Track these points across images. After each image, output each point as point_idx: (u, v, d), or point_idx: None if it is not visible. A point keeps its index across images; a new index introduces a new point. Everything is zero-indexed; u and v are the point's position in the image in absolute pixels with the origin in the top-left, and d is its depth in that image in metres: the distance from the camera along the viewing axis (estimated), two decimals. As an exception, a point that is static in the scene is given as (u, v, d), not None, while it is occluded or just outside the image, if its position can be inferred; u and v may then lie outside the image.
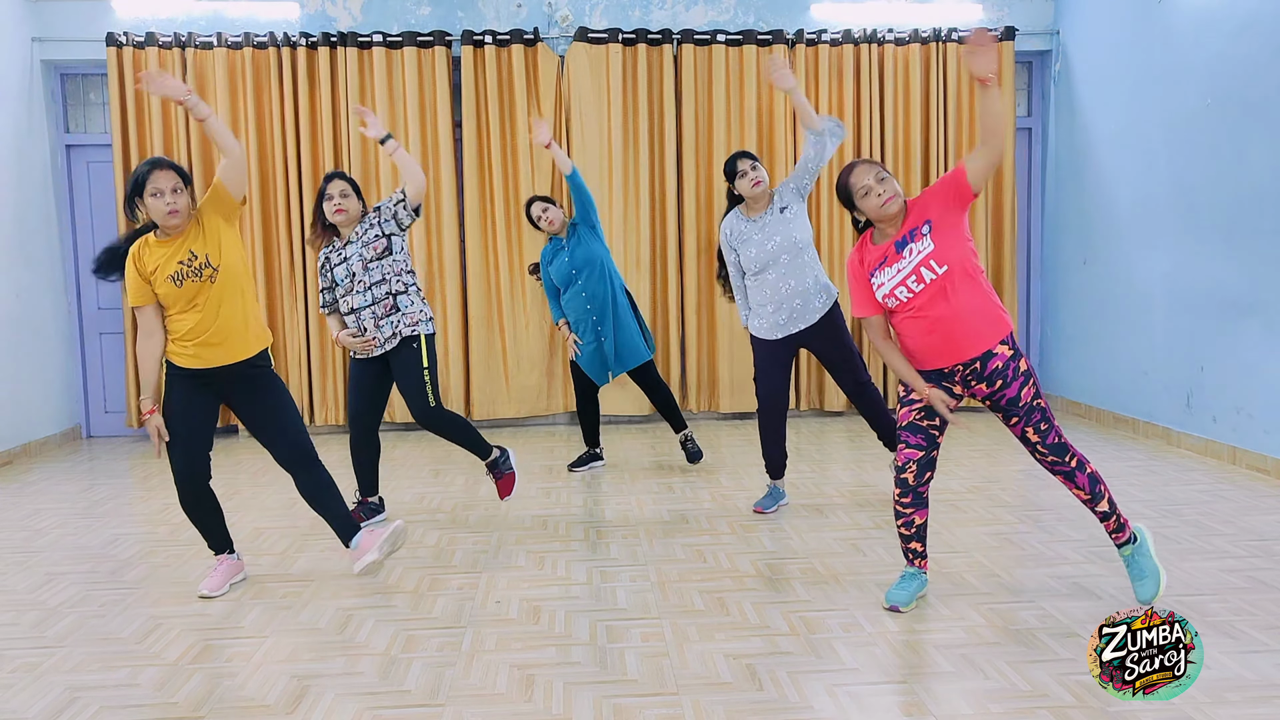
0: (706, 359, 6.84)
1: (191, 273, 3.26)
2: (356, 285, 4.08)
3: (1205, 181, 5.32)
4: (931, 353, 3.05)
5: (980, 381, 3.06)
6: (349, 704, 2.61)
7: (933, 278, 2.96)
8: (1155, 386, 5.81)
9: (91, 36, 6.45)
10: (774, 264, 4.19)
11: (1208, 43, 5.28)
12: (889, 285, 3.03)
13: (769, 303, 4.22)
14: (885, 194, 3.02)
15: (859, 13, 6.75)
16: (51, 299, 6.55)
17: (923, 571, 3.25)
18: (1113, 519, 3.15)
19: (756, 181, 4.21)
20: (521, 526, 4.30)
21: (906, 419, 3.15)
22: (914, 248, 2.99)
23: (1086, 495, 3.12)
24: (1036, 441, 3.09)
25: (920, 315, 3.01)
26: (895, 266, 3.02)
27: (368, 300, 4.07)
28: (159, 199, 3.21)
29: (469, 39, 6.52)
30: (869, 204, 3.05)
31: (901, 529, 3.23)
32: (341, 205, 4.05)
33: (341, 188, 4.06)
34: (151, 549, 4.08)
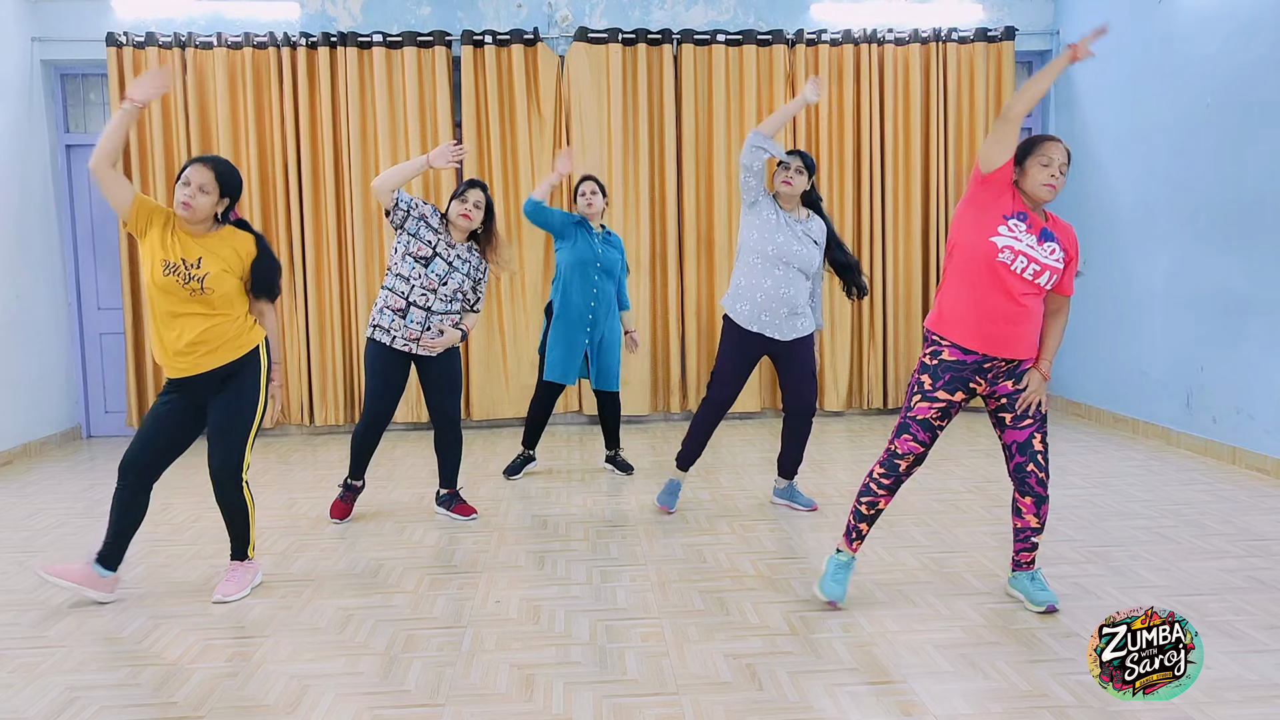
0: (706, 359, 6.84)
1: (183, 275, 3.24)
2: (442, 292, 4.14)
3: (1205, 181, 5.33)
4: (986, 333, 3.03)
5: (1009, 379, 3.10)
6: (349, 704, 2.61)
7: (1043, 282, 3.01)
8: (1155, 386, 5.81)
9: (91, 36, 6.45)
10: (787, 265, 4.15)
11: (1208, 43, 5.28)
12: (1018, 244, 2.98)
13: (760, 293, 4.16)
14: (1057, 180, 3.01)
15: (859, 13, 6.75)
16: (51, 299, 6.55)
17: (853, 555, 3.27)
18: (1036, 550, 3.23)
19: (787, 181, 4.16)
20: (521, 526, 4.30)
21: (923, 414, 3.12)
22: (1054, 249, 3.03)
23: (1038, 524, 3.18)
24: (1040, 451, 3.12)
25: (1010, 297, 3.00)
26: (1031, 242, 3.00)
27: (445, 310, 4.18)
28: (182, 188, 3.24)
29: (469, 39, 6.52)
30: (1038, 175, 3.01)
31: (863, 508, 3.22)
32: (473, 215, 4.17)
33: (478, 198, 4.19)
34: (151, 549, 4.08)
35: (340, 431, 6.76)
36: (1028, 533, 3.18)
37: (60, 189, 6.70)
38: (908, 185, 6.81)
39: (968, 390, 3.11)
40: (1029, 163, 3.03)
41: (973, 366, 3.07)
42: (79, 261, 6.77)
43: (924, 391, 3.12)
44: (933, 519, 4.24)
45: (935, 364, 3.10)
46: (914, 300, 6.88)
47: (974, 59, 6.73)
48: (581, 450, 5.98)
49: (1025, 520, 3.17)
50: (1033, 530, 3.18)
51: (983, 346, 3.04)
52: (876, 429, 6.47)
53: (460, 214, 4.14)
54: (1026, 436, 3.10)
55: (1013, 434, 3.12)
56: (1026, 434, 3.10)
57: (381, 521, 4.42)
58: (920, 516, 4.28)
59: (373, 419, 4.27)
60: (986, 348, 3.04)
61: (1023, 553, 3.21)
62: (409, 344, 4.16)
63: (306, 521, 4.42)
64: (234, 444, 3.40)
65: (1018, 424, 3.11)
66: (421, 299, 4.13)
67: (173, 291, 3.25)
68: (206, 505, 4.68)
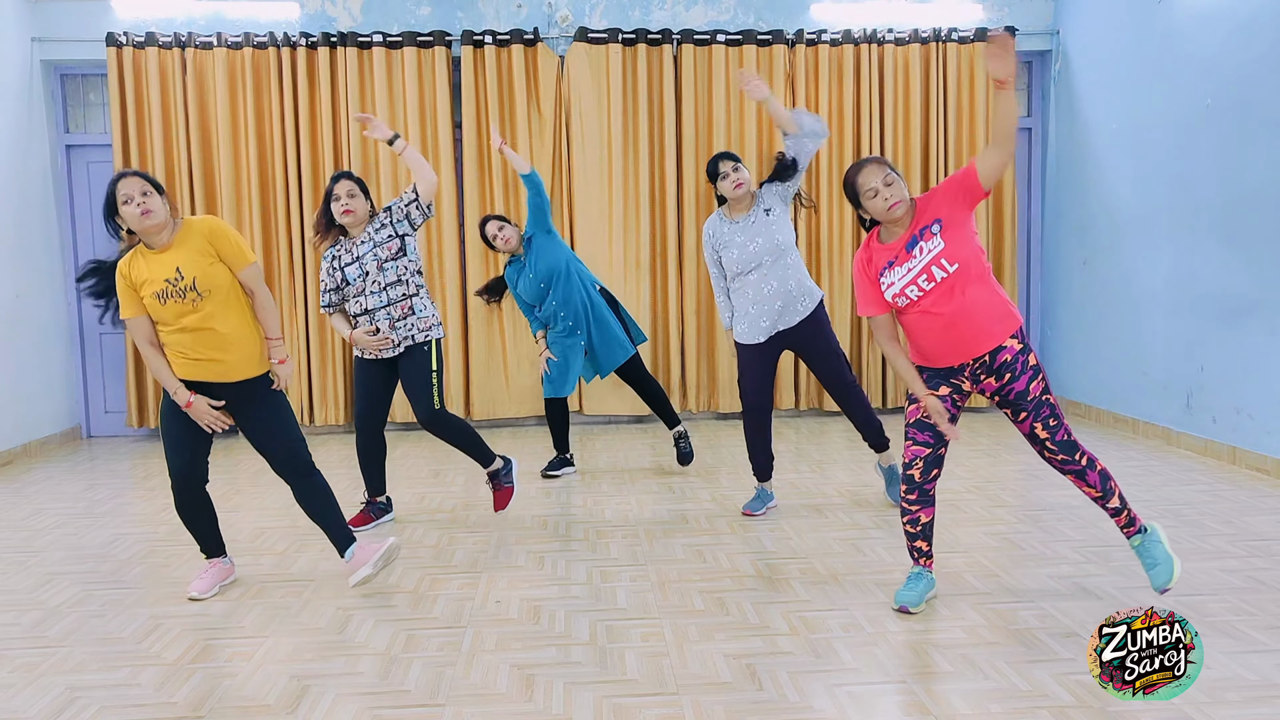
0: (706, 359, 6.84)
1: (176, 293, 3.20)
2: (370, 285, 4.05)
3: (1205, 181, 5.33)
4: (943, 350, 3.04)
5: (989, 375, 3.06)
6: (349, 704, 2.61)
7: (944, 276, 2.96)
8: (1155, 386, 5.81)
9: (91, 36, 6.45)
10: (756, 266, 4.16)
11: (1208, 43, 5.28)
12: (899, 284, 3.01)
13: (750, 304, 4.19)
14: (892, 198, 3.01)
15: (859, 13, 6.75)
16: (51, 299, 6.55)
17: (929, 571, 3.23)
18: (1124, 514, 3.13)
19: (738, 184, 4.18)
20: (521, 526, 4.30)
21: (914, 416, 3.13)
22: (924, 246, 2.98)
23: (1097, 493, 3.11)
24: (1045, 438, 3.06)
25: (932, 313, 2.99)
26: (905, 265, 3.00)
27: (383, 301, 4.05)
28: (129, 205, 3.16)
29: (469, 39, 6.52)
30: (875, 206, 3.05)
31: (907, 526, 3.21)
32: (350, 206, 4.02)
33: (349, 188, 4.04)
34: (151, 549, 4.08)
35: (340, 431, 6.76)
36: (1098, 505, 3.15)
37: (60, 189, 6.70)
38: (909, 186, 6.80)
39: (951, 385, 3.11)
40: (862, 204, 3.08)
41: (944, 372, 3.10)
42: (79, 261, 6.77)
43: (910, 396, 3.17)
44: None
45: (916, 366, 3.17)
46: (914, 300, 6.87)
47: (974, 59, 6.73)
48: (581, 451, 5.98)
49: (1087, 494, 3.14)
50: (1097, 499, 3.12)
51: (945, 361, 3.07)
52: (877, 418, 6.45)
53: (341, 212, 4.03)
54: (1029, 429, 3.08)
55: (1019, 427, 3.12)
56: (1028, 426, 3.08)
57: (381, 524, 4.41)
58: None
59: (357, 421, 4.27)
60: (950, 360, 3.06)
61: (1116, 521, 3.16)
62: (376, 353, 4.13)
63: (306, 521, 4.42)
64: (292, 439, 3.42)
65: (1017, 417, 3.10)
66: (357, 306, 4.10)
67: (181, 313, 3.23)
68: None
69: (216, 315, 3.25)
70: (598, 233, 6.64)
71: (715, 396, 6.86)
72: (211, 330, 3.25)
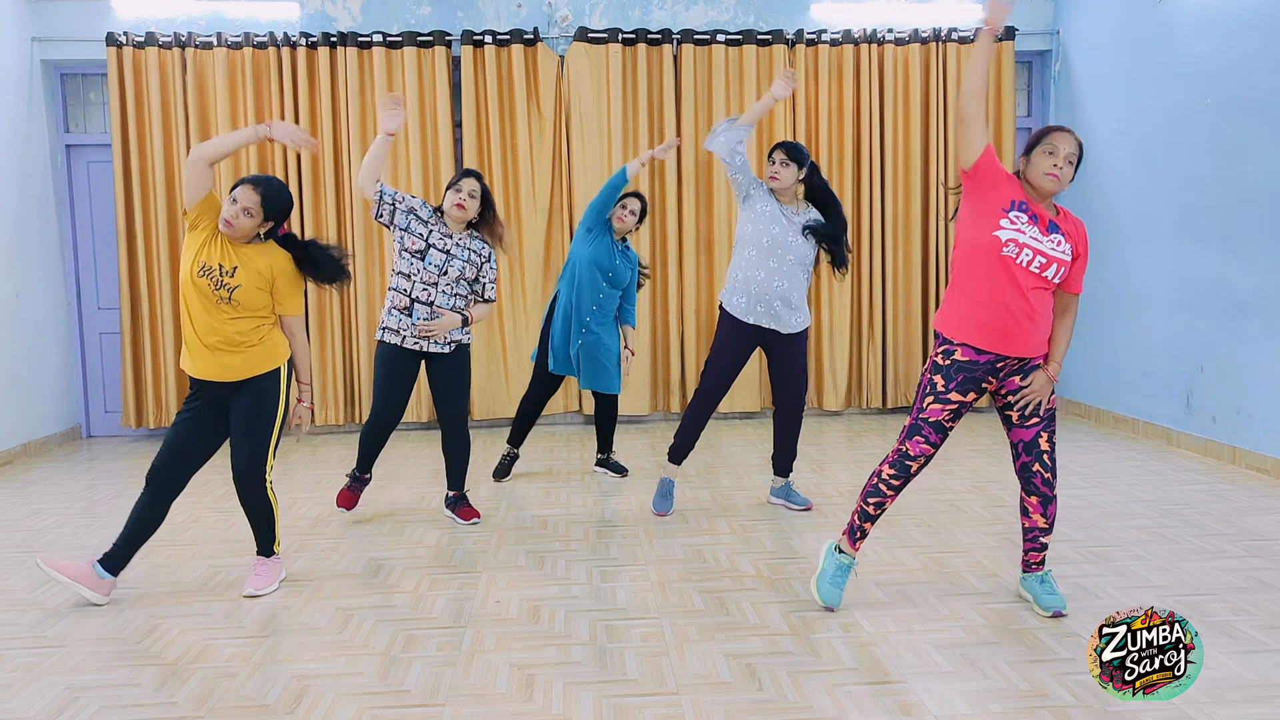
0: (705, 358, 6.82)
1: (215, 281, 3.26)
2: (444, 284, 4.10)
3: (1205, 181, 5.33)
4: (997, 331, 2.97)
5: (1017, 374, 3.07)
6: (349, 704, 2.61)
7: (1050, 274, 2.96)
8: (1155, 386, 5.82)
9: (91, 36, 6.45)
10: (781, 257, 4.15)
11: (1207, 42, 5.28)
12: (1024, 237, 2.93)
13: (755, 284, 4.16)
14: (1062, 171, 2.94)
15: (859, 13, 6.75)
16: (51, 299, 6.55)
17: (854, 556, 3.25)
18: (1045, 550, 3.21)
19: (774, 176, 4.17)
20: (521, 526, 4.30)
21: (936, 416, 3.07)
22: (1061, 240, 2.97)
23: (1046, 524, 3.16)
24: (1046, 451, 3.08)
25: (1018, 289, 2.94)
26: (1037, 233, 2.94)
27: (449, 304, 4.14)
28: (229, 205, 3.25)
29: (469, 39, 6.52)
30: (1042, 163, 2.95)
31: (870, 507, 3.18)
32: (466, 203, 4.11)
33: (473, 187, 4.14)
34: (151, 549, 4.08)
35: (340, 431, 6.76)
36: (1035, 533, 3.16)
37: (60, 189, 6.70)
38: (907, 185, 6.81)
39: (979, 390, 3.08)
40: (1035, 153, 2.98)
41: (985, 366, 3.02)
42: (79, 261, 6.77)
43: (936, 393, 3.07)
44: (933, 519, 4.24)
45: (948, 364, 3.05)
46: (913, 300, 6.88)
47: (974, 59, 6.72)
48: (581, 450, 5.98)
49: (1033, 520, 3.15)
50: (1040, 530, 3.15)
51: (994, 345, 2.99)
52: (876, 429, 6.47)
53: (454, 204, 4.10)
54: (1033, 436, 3.07)
55: (1020, 433, 3.09)
56: (1033, 433, 3.07)
57: (382, 522, 4.42)
58: (920, 516, 4.28)
59: (379, 421, 4.24)
60: (997, 347, 2.99)
61: (1031, 553, 3.19)
62: (419, 341, 4.13)
63: (306, 521, 4.42)
64: (257, 443, 3.41)
65: (1024, 423, 3.07)
66: (424, 294, 4.09)
67: (205, 294, 3.28)
68: (205, 505, 4.69)
69: (236, 322, 3.32)
70: (598, 233, 6.64)
71: (715, 396, 6.85)
72: (229, 326, 3.30)
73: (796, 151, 4.16)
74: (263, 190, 3.27)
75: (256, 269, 3.32)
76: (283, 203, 3.34)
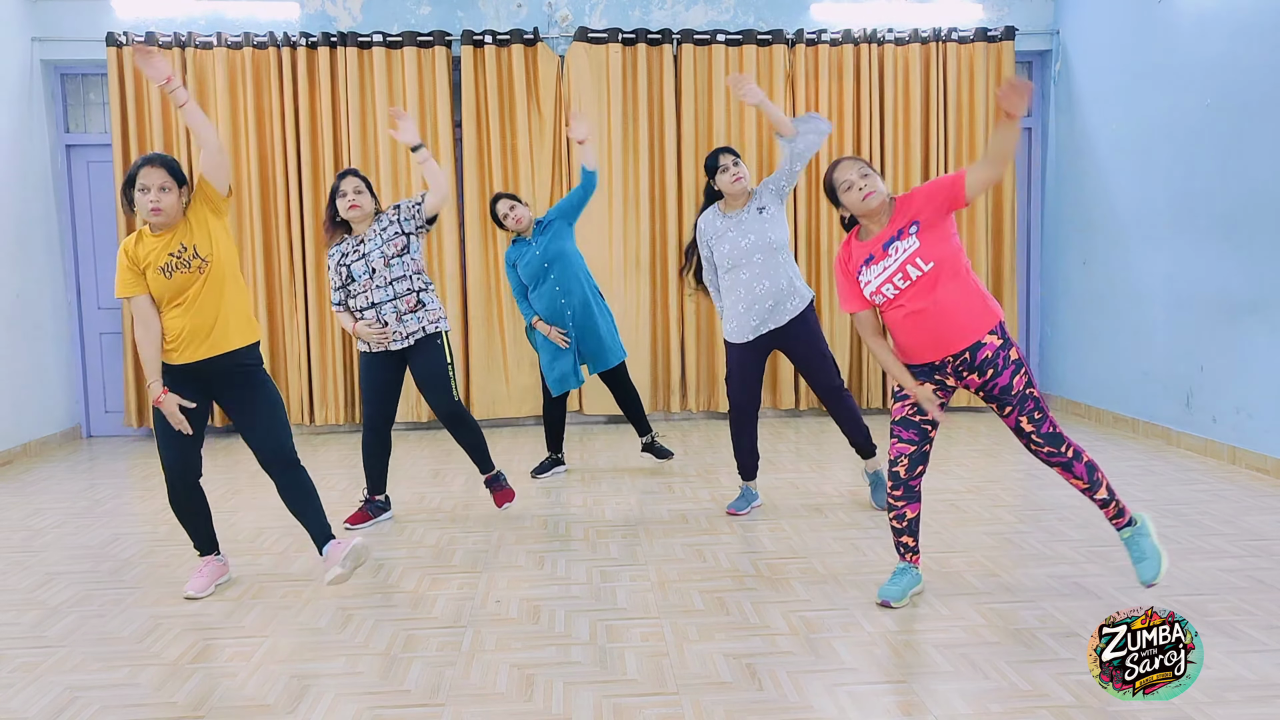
0: (706, 359, 6.84)
1: (181, 264, 3.26)
2: (376, 280, 4.09)
3: (1205, 181, 5.32)
4: (921, 347, 3.10)
5: (971, 372, 3.08)
6: (349, 704, 2.61)
7: (919, 274, 3.01)
8: (1155, 386, 5.81)
9: (91, 36, 6.45)
10: (747, 263, 4.15)
11: (1208, 43, 5.28)
12: (875, 282, 3.08)
13: (740, 303, 4.18)
14: (866, 189, 3.06)
15: (859, 13, 6.75)
16: (51, 299, 6.55)
17: (914, 567, 3.26)
18: (1112, 505, 3.15)
19: (737, 178, 4.19)
20: (521, 526, 4.30)
21: (900, 414, 3.18)
22: (900, 245, 3.03)
23: (1085, 484, 3.13)
24: (1031, 431, 3.09)
25: (908, 311, 3.05)
26: (881, 264, 3.06)
27: (389, 295, 4.10)
28: (144, 195, 3.22)
29: (469, 39, 6.52)
30: (851, 198, 3.10)
31: (893, 522, 3.26)
32: (356, 202, 4.08)
33: (355, 184, 4.10)
34: (151, 549, 4.08)
35: (340, 431, 6.76)
36: (1085, 496, 3.17)
37: (60, 189, 6.70)
38: (907, 185, 6.80)
39: (934, 381, 3.15)
40: (840, 198, 3.13)
41: (927, 369, 3.15)
42: (79, 261, 6.77)
43: (895, 393, 3.22)
44: (933, 519, 4.24)
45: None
46: (914, 300, 6.87)
47: (974, 59, 6.73)
48: (582, 450, 5.98)
49: (1075, 486, 3.16)
50: (1086, 491, 3.14)
51: (924, 358, 3.12)
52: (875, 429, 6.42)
53: (348, 208, 4.08)
54: (1014, 423, 3.11)
55: (1005, 421, 3.15)
56: (1013, 420, 3.11)
57: (381, 522, 4.41)
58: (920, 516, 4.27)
59: (369, 423, 4.30)
60: (930, 356, 3.10)
61: (1105, 513, 3.17)
62: (381, 344, 4.15)
63: (306, 521, 4.42)
64: (280, 432, 3.43)
65: (1003, 412, 3.13)
66: (364, 301, 4.13)
67: (187, 283, 3.27)
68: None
69: (217, 283, 3.31)
70: (598, 232, 6.64)
71: (715, 396, 6.86)
72: (213, 297, 3.30)
73: (732, 149, 4.28)
74: (163, 163, 3.25)
75: (192, 222, 3.30)
76: (179, 165, 3.32)
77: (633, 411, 5.24)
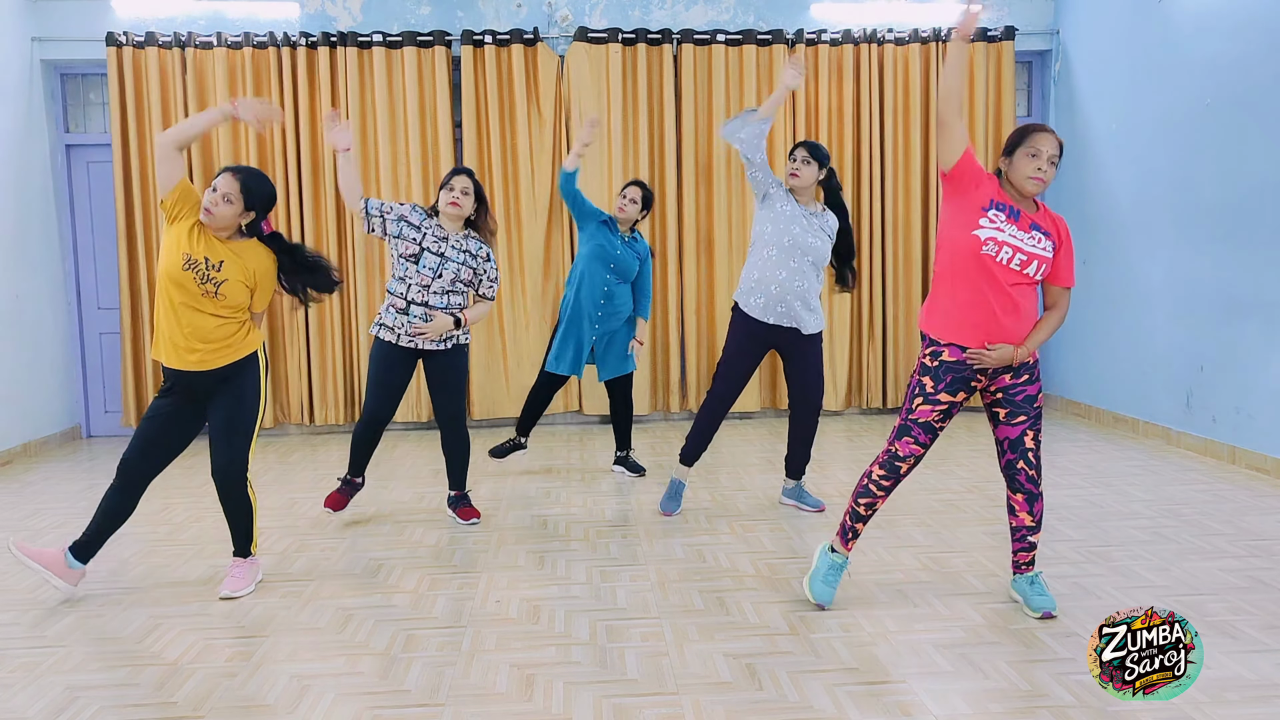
0: (706, 359, 6.84)
1: (201, 275, 3.26)
2: (436, 284, 4.09)
3: (1205, 181, 5.33)
4: (975, 325, 3.00)
5: (1006, 372, 3.06)
6: (349, 704, 2.61)
7: (1032, 272, 2.97)
8: (1155, 386, 5.82)
9: (91, 36, 6.45)
10: (801, 258, 4.13)
11: (1207, 42, 5.28)
12: (1003, 236, 2.95)
13: (774, 284, 4.13)
14: (1044, 176, 2.96)
15: (859, 13, 6.75)
16: (51, 299, 6.55)
17: (847, 555, 3.26)
18: (1034, 550, 3.18)
19: (794, 174, 4.16)
20: (521, 526, 4.30)
21: (925, 417, 3.08)
22: (1040, 238, 2.97)
23: (1033, 523, 3.14)
24: (1032, 449, 3.07)
25: (999, 286, 2.96)
26: (1017, 229, 2.95)
27: (444, 304, 4.13)
28: (209, 193, 3.26)
29: (469, 39, 6.52)
30: (1025, 167, 2.96)
31: (863, 510, 3.19)
32: (460, 201, 4.12)
33: (465, 184, 4.15)
34: (151, 549, 4.08)
35: (340, 431, 6.76)
36: (1023, 531, 3.16)
37: (60, 189, 6.70)
38: (907, 185, 6.81)
39: (969, 389, 3.09)
40: (1017, 154, 2.99)
41: (960, 365, 3.05)
42: (79, 261, 6.77)
43: (925, 394, 3.08)
44: (933, 519, 4.24)
45: (936, 365, 3.06)
46: (913, 300, 6.88)
47: (974, 59, 6.73)
48: (582, 450, 5.98)
49: (1020, 518, 3.15)
50: (1028, 529, 3.14)
51: (977, 342, 3.01)
52: (876, 429, 6.47)
53: (449, 202, 4.12)
54: (1019, 433, 3.07)
55: (1006, 430, 3.09)
56: (1019, 430, 3.07)
57: (381, 521, 4.42)
58: (920, 516, 4.28)
59: (371, 418, 4.25)
60: (976, 340, 3.01)
61: (1020, 553, 3.18)
62: (413, 339, 4.14)
63: (306, 521, 4.42)
64: (237, 445, 3.41)
65: (1011, 420, 3.07)
66: (419, 296, 4.09)
67: (187, 287, 3.27)
68: (206, 505, 4.68)
69: (218, 319, 3.33)
70: (598, 233, 6.63)
71: (715, 396, 6.85)
72: (210, 321, 3.30)
73: (818, 150, 4.17)
74: (242, 178, 3.28)
75: (244, 266, 3.33)
76: (264, 193, 3.34)
77: (622, 425, 5.23)
